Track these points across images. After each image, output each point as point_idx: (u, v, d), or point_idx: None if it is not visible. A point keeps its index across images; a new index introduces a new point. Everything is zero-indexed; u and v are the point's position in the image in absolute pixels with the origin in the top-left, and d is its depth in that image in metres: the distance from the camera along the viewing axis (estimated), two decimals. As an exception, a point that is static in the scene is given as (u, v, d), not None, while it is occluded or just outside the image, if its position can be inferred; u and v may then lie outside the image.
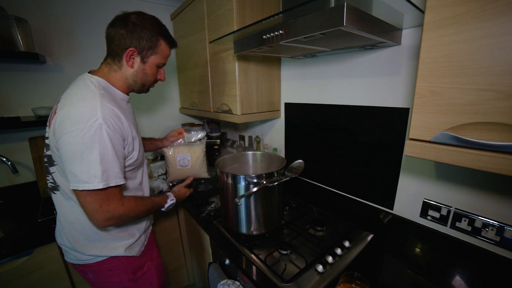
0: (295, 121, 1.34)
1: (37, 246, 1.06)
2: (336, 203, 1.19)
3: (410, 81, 0.85)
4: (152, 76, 0.87)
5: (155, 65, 0.85)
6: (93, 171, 0.67)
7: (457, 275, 0.77)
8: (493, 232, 0.74)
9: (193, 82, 1.65)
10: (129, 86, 0.85)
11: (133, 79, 0.83)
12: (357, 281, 0.69)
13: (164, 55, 0.86)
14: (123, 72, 0.82)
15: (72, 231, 0.82)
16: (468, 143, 0.46)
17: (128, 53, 0.78)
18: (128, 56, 0.79)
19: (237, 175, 0.92)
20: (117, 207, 0.74)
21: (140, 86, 0.87)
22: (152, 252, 1.01)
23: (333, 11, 0.57)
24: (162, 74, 0.92)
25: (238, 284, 0.89)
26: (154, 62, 0.84)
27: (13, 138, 1.38)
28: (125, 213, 0.76)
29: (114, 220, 0.75)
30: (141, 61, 0.81)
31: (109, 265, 0.85)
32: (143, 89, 0.90)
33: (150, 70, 0.85)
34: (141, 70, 0.83)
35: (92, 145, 0.66)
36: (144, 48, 0.79)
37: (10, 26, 1.19)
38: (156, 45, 0.81)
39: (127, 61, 0.79)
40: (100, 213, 0.71)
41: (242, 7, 1.10)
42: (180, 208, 1.51)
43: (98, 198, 0.70)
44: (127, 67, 0.81)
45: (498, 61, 0.41)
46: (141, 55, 0.80)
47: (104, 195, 0.71)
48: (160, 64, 0.86)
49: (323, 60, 1.13)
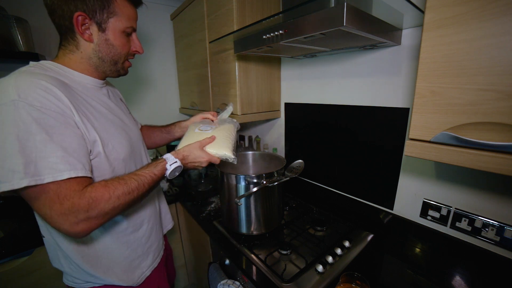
0: (295, 121, 1.34)
1: (37, 246, 1.06)
2: (336, 203, 1.19)
3: (410, 81, 0.85)
4: (122, 47, 0.68)
5: (121, 32, 0.66)
6: (9, 165, 0.48)
7: (457, 275, 0.77)
8: (493, 232, 0.74)
9: (193, 82, 1.65)
10: (97, 67, 0.68)
11: (97, 56, 0.65)
12: (357, 281, 0.69)
13: (127, 15, 0.66)
14: (83, 51, 0.64)
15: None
16: (468, 143, 0.46)
17: (77, 21, 0.59)
18: (79, 26, 0.60)
19: (237, 175, 0.92)
20: (74, 202, 0.51)
21: (110, 64, 0.68)
22: (160, 276, 0.87)
23: (333, 11, 0.57)
24: (137, 44, 0.72)
25: (238, 284, 0.89)
26: (117, 27, 0.65)
27: (13, 138, 1.38)
28: (92, 204, 0.53)
29: (82, 218, 0.52)
30: (99, 29, 0.63)
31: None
32: (116, 69, 0.71)
33: (116, 39, 0.66)
34: (103, 41, 0.64)
35: (2, 129, 0.48)
36: (95, 9, 0.60)
37: (10, 26, 1.19)
38: (110, 2, 0.62)
39: (81, 33, 0.61)
40: (56, 217, 0.51)
41: (242, 7, 1.10)
42: (180, 208, 1.51)
43: (41, 199, 0.50)
44: (85, 42, 0.63)
45: (498, 61, 0.41)
46: (95, 21, 0.62)
47: (48, 194, 0.50)
48: (126, 29, 0.67)
49: (323, 60, 1.13)
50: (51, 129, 0.51)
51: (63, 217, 0.51)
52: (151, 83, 1.85)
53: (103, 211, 0.55)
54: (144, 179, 0.64)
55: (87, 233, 0.55)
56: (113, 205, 0.56)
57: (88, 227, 0.54)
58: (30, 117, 0.49)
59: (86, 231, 0.54)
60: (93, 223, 0.55)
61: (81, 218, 0.52)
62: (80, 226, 0.53)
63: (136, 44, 0.72)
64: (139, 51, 0.74)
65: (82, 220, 0.53)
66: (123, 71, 0.74)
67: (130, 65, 0.76)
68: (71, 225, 0.52)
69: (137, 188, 0.61)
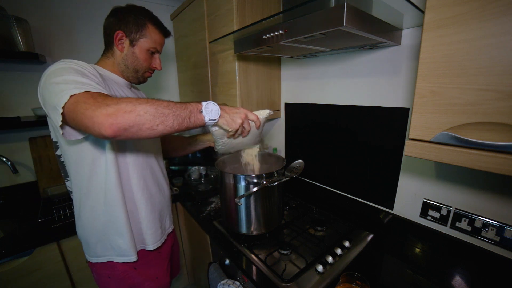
0: (295, 121, 1.34)
1: (37, 246, 1.06)
2: (336, 203, 1.19)
3: (410, 81, 0.85)
4: (144, 61, 0.85)
5: (146, 50, 0.84)
6: (68, 81, 0.59)
7: (457, 275, 0.77)
8: (493, 232, 0.74)
9: (193, 82, 1.65)
10: (122, 72, 0.85)
11: (124, 63, 0.83)
12: (357, 281, 0.69)
13: (154, 39, 0.84)
14: (115, 58, 0.83)
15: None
16: (468, 143, 0.46)
17: (117, 37, 0.79)
18: (117, 40, 0.80)
19: (237, 175, 0.92)
20: (106, 97, 0.57)
21: (132, 71, 0.86)
22: (160, 268, 0.93)
23: (333, 11, 0.57)
24: (157, 62, 0.90)
25: (238, 284, 0.89)
26: (144, 46, 0.83)
27: (13, 138, 1.38)
28: (120, 100, 0.56)
29: (113, 111, 0.54)
30: (130, 44, 0.81)
31: (108, 271, 0.83)
32: (137, 76, 0.88)
33: (141, 54, 0.83)
34: (131, 53, 0.82)
35: (62, 70, 0.62)
36: (132, 30, 0.80)
37: (10, 26, 1.19)
38: (143, 28, 0.81)
39: (117, 45, 0.81)
40: (93, 111, 0.54)
41: (242, 7, 1.10)
42: (180, 208, 1.51)
43: (81, 102, 0.55)
44: (117, 51, 0.82)
45: (498, 61, 0.41)
46: (129, 38, 0.81)
47: (85, 96, 0.56)
48: (151, 48, 0.85)
49: (323, 60, 1.13)
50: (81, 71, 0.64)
51: (99, 109, 0.53)
52: (151, 83, 1.84)
53: (130, 105, 0.55)
54: (177, 102, 0.64)
55: (119, 127, 0.54)
56: (139, 103, 0.56)
57: (120, 125, 0.54)
58: (80, 66, 0.66)
59: (119, 128, 0.54)
60: (124, 121, 0.54)
61: (112, 110, 0.54)
62: (111, 118, 0.53)
63: (156, 62, 0.90)
64: (158, 67, 0.91)
65: (113, 112, 0.54)
66: (142, 79, 0.91)
67: (150, 76, 0.93)
68: (105, 117, 0.53)
69: (166, 106, 0.60)
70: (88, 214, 0.79)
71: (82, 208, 0.79)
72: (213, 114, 0.67)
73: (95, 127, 0.53)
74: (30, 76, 1.37)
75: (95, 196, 0.77)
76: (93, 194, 0.77)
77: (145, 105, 0.56)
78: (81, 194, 0.78)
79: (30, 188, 1.44)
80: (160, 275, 0.92)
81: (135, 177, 0.82)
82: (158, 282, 0.91)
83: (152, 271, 0.90)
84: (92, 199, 0.78)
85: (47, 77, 0.62)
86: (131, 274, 0.85)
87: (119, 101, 0.56)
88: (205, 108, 0.66)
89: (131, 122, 0.55)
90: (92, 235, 0.81)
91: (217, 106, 0.68)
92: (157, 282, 0.91)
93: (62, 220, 1.18)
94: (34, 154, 1.39)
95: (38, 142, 1.40)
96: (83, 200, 0.78)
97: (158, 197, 0.92)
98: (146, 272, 0.88)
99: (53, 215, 1.19)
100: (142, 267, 0.87)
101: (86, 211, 0.79)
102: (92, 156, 0.74)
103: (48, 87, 0.61)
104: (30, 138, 1.39)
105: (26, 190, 1.44)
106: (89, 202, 0.78)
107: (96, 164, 0.75)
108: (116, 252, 0.82)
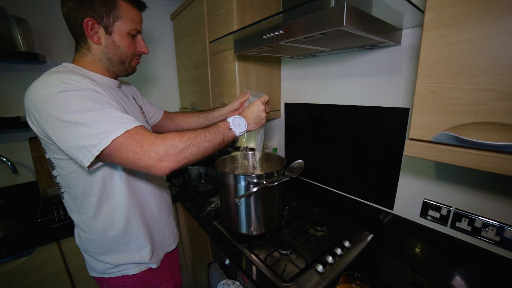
0: (295, 121, 1.34)
1: (37, 246, 1.06)
2: (336, 203, 1.19)
3: (410, 81, 0.85)
4: (128, 48, 0.73)
5: (126, 34, 0.71)
6: (97, 119, 0.57)
7: (457, 275, 0.78)
8: (493, 232, 0.74)
9: (193, 82, 1.65)
10: (107, 68, 0.74)
11: (106, 57, 0.71)
12: (357, 281, 0.69)
13: (131, 18, 0.71)
14: (94, 54, 0.70)
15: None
16: (468, 143, 0.46)
17: (87, 26, 0.66)
18: (88, 30, 0.66)
19: (237, 175, 0.92)
20: (152, 141, 0.58)
21: (118, 64, 0.74)
22: (173, 269, 0.95)
23: (333, 11, 0.57)
24: (142, 45, 0.77)
25: (238, 284, 0.89)
26: (123, 29, 0.70)
27: (13, 138, 1.38)
28: (167, 141, 0.59)
29: (162, 154, 0.57)
30: (106, 32, 0.69)
31: (125, 280, 0.79)
32: (124, 68, 0.76)
33: (122, 41, 0.71)
34: (110, 43, 0.70)
35: (75, 102, 0.56)
36: (102, 14, 0.66)
37: (10, 26, 1.19)
38: (114, 7, 0.67)
39: (90, 37, 0.67)
40: (142, 156, 0.56)
41: (242, 7, 1.10)
42: (180, 208, 1.51)
43: (124, 148, 0.56)
44: (95, 45, 0.69)
45: (498, 61, 0.41)
46: (103, 25, 0.67)
47: (127, 142, 0.57)
48: (131, 31, 0.72)
49: (323, 60, 1.13)
50: (98, 100, 0.59)
51: (147, 155, 0.57)
52: (151, 83, 1.85)
53: (178, 148, 0.59)
54: (213, 130, 0.70)
55: (169, 169, 0.59)
56: (185, 143, 0.61)
57: (173, 163, 0.59)
58: (81, 95, 0.57)
59: (168, 166, 0.59)
60: (176, 159, 0.59)
61: (161, 153, 0.57)
62: (162, 162, 0.58)
63: (141, 45, 0.77)
64: (144, 51, 0.79)
65: (163, 155, 0.58)
66: (131, 69, 0.80)
67: (138, 63, 0.81)
68: (155, 161, 0.57)
69: (209, 136, 0.67)
70: (100, 229, 0.74)
71: (93, 223, 0.74)
72: (241, 127, 0.76)
73: (144, 169, 0.58)
74: (30, 76, 1.37)
75: (105, 214, 0.73)
76: (104, 213, 0.73)
77: (192, 148, 0.62)
78: (88, 212, 0.73)
79: (30, 188, 1.44)
80: (174, 275, 0.94)
81: (148, 187, 0.82)
82: (174, 282, 0.93)
83: (167, 272, 0.91)
84: (103, 215, 0.73)
85: (53, 110, 0.55)
86: (149, 278, 0.84)
87: (165, 142, 0.58)
88: (232, 124, 0.74)
89: (180, 164, 0.61)
90: (105, 249, 0.76)
91: (240, 117, 0.76)
92: (173, 282, 0.93)
93: (62, 220, 1.18)
94: (34, 154, 1.39)
95: (38, 142, 1.40)
96: (93, 216, 0.73)
97: (167, 199, 0.94)
98: (162, 273, 0.89)
99: (53, 215, 1.19)
100: (158, 269, 0.87)
101: (97, 227, 0.74)
102: (104, 175, 0.70)
103: (62, 125, 0.55)
104: (30, 138, 1.39)
105: (26, 190, 1.44)
106: (100, 218, 0.73)
107: (107, 183, 0.71)
108: (136, 263, 0.80)
